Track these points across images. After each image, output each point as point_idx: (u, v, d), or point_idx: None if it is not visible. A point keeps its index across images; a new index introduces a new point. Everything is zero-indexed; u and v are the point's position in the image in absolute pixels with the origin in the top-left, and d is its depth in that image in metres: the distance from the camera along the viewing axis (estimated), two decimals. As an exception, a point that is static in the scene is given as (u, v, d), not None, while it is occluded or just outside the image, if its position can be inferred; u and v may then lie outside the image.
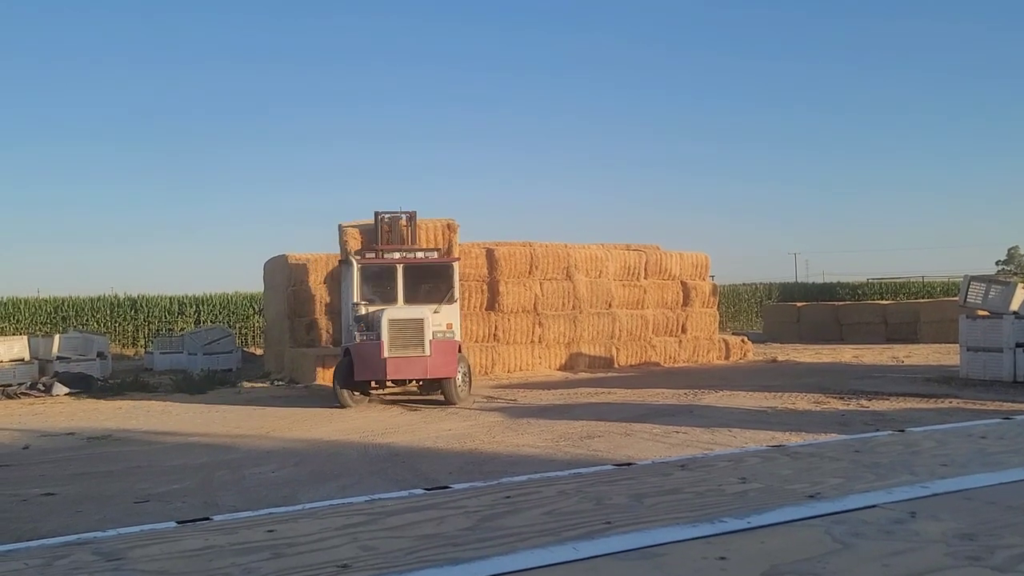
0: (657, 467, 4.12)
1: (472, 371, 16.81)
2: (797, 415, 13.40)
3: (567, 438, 11.52)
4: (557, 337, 23.34)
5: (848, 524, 2.89)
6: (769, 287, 47.50)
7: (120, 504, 8.29)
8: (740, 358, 26.06)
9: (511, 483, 3.70)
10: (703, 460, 4.29)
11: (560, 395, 17.10)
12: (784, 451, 4.52)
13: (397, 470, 9.64)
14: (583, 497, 3.36)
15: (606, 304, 24.31)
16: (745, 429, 11.91)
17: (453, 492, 3.57)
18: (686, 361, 25.03)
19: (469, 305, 22.48)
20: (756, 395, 16.03)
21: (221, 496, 8.53)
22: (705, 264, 26.95)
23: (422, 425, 13.27)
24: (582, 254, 24.30)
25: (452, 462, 10.03)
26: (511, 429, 12.54)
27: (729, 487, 3.57)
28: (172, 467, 10.25)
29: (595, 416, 13.55)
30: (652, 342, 24.79)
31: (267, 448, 11.45)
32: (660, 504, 3.29)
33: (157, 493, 8.76)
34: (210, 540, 2.73)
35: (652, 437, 11.45)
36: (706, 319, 26.38)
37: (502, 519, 3.01)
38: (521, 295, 22.96)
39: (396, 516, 3.09)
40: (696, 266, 26.66)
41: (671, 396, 16.34)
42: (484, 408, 15.21)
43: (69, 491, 8.97)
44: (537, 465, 9.21)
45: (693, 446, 10.70)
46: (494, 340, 22.54)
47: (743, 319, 44.40)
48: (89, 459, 10.97)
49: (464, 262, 22.56)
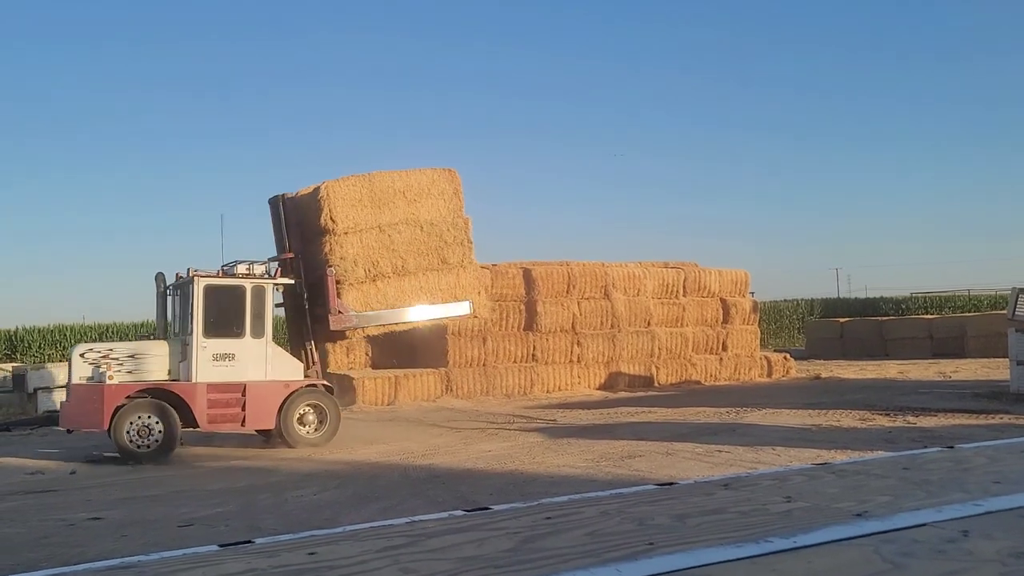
0: (700, 487, 4.07)
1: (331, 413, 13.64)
2: (842, 432, 13.19)
3: (608, 458, 11.43)
4: (596, 356, 23.24)
5: (898, 543, 2.81)
6: (811, 303, 46.91)
7: (164, 528, 8.36)
8: (783, 375, 25.73)
9: (552, 504, 3.67)
10: (747, 479, 4.22)
11: (600, 414, 17.00)
12: (830, 469, 4.43)
13: (438, 492, 9.63)
14: (625, 518, 3.32)
15: (645, 322, 24.17)
16: (789, 447, 11.74)
17: (494, 513, 3.54)
18: (727, 379, 24.77)
19: (507, 325, 22.50)
20: (800, 413, 15.80)
21: (263, 519, 8.58)
22: (745, 280, 26.72)
23: (462, 446, 13.26)
24: (620, 272, 24.22)
25: (492, 483, 9.99)
26: (551, 449, 12.48)
27: (774, 506, 3.50)
28: (215, 490, 10.33)
29: (636, 435, 13.44)
30: (692, 360, 24.59)
31: (308, 470, 11.50)
32: (703, 524, 3.24)
33: (200, 517, 8.83)
34: (252, 563, 2.73)
35: (694, 456, 11.32)
36: (747, 336, 26.12)
37: (543, 540, 2.98)
38: (559, 315, 22.91)
39: (437, 538, 3.07)
40: (736, 283, 26.44)
41: (713, 415, 16.16)
42: (524, 428, 15.16)
43: (115, 515, 9.07)
44: (578, 485, 9.14)
45: (736, 465, 10.56)
46: (532, 360, 22.50)
47: (785, 336, 43.84)
48: (134, 483, 11.09)
49: (501, 282, 22.64)
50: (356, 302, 13.89)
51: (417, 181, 14.74)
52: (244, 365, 13.10)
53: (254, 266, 13.49)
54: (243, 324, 13.15)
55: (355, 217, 14.16)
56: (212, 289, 13.06)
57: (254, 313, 13.23)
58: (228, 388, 13.01)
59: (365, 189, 14.29)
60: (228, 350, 13.03)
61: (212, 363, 12.90)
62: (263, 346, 13.28)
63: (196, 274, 12.99)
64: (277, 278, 13.64)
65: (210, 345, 12.92)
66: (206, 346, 12.89)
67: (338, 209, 14.02)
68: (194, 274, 12.99)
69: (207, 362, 12.87)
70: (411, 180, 14.70)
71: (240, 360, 13.08)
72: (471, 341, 22.04)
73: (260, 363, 13.20)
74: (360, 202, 14.23)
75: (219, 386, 12.96)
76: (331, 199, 13.97)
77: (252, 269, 13.43)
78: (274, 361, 13.37)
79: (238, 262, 13.45)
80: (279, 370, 13.37)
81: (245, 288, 13.20)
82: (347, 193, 14.17)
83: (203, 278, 13.00)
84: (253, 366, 13.14)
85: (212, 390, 12.89)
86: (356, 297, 13.94)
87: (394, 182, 14.58)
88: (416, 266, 14.45)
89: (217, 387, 12.94)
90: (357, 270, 13.97)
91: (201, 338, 12.86)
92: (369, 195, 14.27)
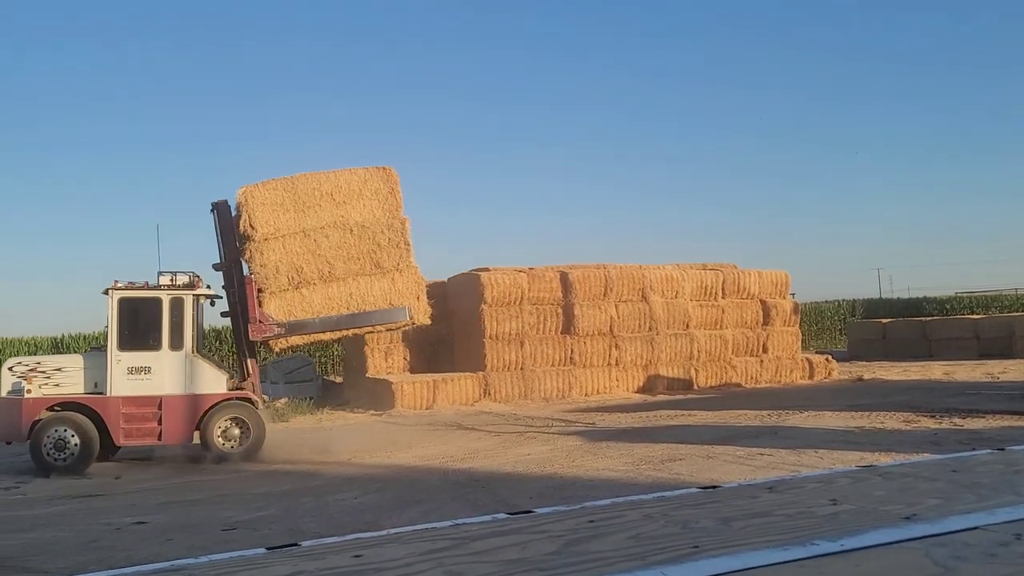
0: (744, 489, 4.03)
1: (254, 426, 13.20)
2: (886, 435, 12.98)
3: (648, 461, 11.37)
4: (634, 359, 23.13)
5: (949, 547, 2.77)
6: (852, 304, 46.24)
7: (208, 532, 8.46)
8: (824, 377, 25.40)
9: (594, 507, 3.66)
10: (791, 482, 4.18)
11: (639, 418, 16.91)
12: (876, 471, 4.38)
13: (478, 496, 9.64)
14: (668, 521, 3.30)
15: (683, 325, 24.01)
16: (832, 450, 11.59)
17: (536, 517, 3.55)
18: (768, 381, 24.51)
19: (544, 329, 22.48)
20: (842, 415, 15.59)
21: (305, 522, 8.64)
22: (785, 282, 26.43)
23: (501, 450, 13.26)
24: (657, 275, 24.08)
25: (532, 487, 9.98)
26: (590, 453, 12.44)
27: (820, 509, 3.47)
28: (257, 494, 10.44)
29: (676, 439, 13.35)
30: (732, 362, 24.37)
31: (349, 474, 11.58)
32: (749, 527, 3.21)
33: (243, 520, 8.92)
34: (299, 566, 2.76)
35: (736, 459, 11.22)
36: (788, 338, 25.83)
37: (587, 543, 2.98)
38: (596, 318, 22.84)
39: (480, 541, 3.08)
40: (776, 284, 26.17)
41: (754, 417, 16.00)
42: (562, 432, 15.13)
43: (159, 519, 9.20)
44: (618, 489, 9.10)
45: (778, 468, 10.45)
46: (570, 363, 22.45)
47: (826, 337, 43.28)
48: (177, 488, 11.25)
49: (538, 286, 22.64)
50: (279, 311, 13.29)
51: (347, 182, 13.94)
52: (161, 378, 12.89)
53: (176, 276, 13.24)
54: (160, 336, 12.96)
55: (276, 222, 13.47)
56: (127, 301, 12.95)
57: (172, 325, 13.00)
58: (143, 402, 12.79)
59: (288, 192, 13.61)
60: (144, 363, 12.85)
61: (127, 376, 12.76)
62: (181, 358, 13.02)
63: (112, 287, 12.93)
64: (198, 288, 13.38)
65: (124, 358, 12.78)
66: (120, 359, 12.77)
67: (257, 214, 13.37)
68: (109, 287, 12.94)
69: (122, 375, 12.74)
70: (340, 181, 13.92)
71: (156, 373, 12.88)
72: (508, 345, 22.06)
73: (178, 376, 12.97)
74: (282, 206, 13.54)
75: (134, 400, 12.76)
76: (250, 204, 13.36)
77: (175, 280, 13.21)
78: (193, 374, 13.06)
79: (172, 272, 13.23)
80: (198, 383, 13.06)
81: (162, 300, 12.99)
82: (267, 197, 13.49)
83: (117, 290, 12.92)
84: (170, 379, 12.93)
85: (127, 404, 12.73)
86: (279, 306, 13.33)
87: (320, 184, 13.83)
88: (345, 271, 13.68)
89: (132, 401, 12.75)
90: (280, 277, 13.35)
91: (115, 351, 12.77)
92: (292, 198, 13.59)
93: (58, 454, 12.51)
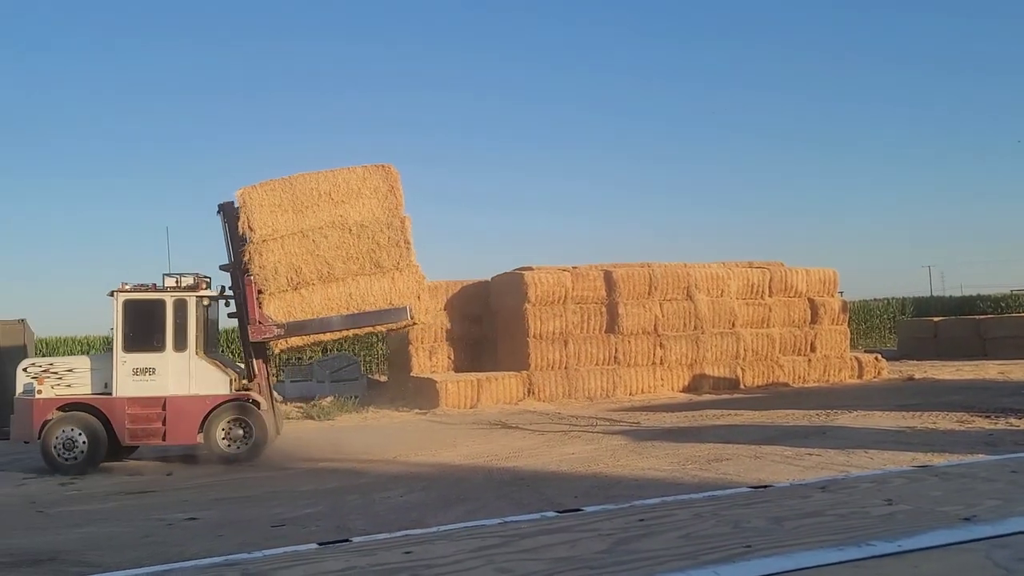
0: (796, 489, 3.98)
1: (257, 428, 13.23)
2: (939, 435, 12.72)
3: (694, 461, 11.28)
4: (679, 358, 22.96)
5: (1011, 548, 2.70)
6: (902, 302, 45.42)
7: (258, 528, 8.57)
8: (874, 376, 24.97)
9: (644, 506, 3.64)
10: (844, 481, 4.11)
11: (684, 417, 16.78)
12: (932, 471, 4.29)
13: (523, 494, 9.64)
14: (720, 520, 3.27)
15: (729, 324, 23.77)
16: (883, 450, 11.39)
17: (585, 515, 3.53)
18: (816, 381, 24.17)
19: (588, 328, 22.42)
20: (893, 415, 15.31)
21: (352, 520, 8.72)
22: (833, 280, 26.03)
23: (545, 449, 13.25)
24: (702, 273, 23.88)
25: (577, 486, 9.96)
26: (636, 452, 12.37)
27: (874, 509, 3.40)
28: (305, 492, 10.55)
29: (722, 438, 13.22)
30: (779, 362, 24.08)
31: (394, 473, 11.65)
32: (801, 527, 3.17)
33: (292, 517, 9.03)
34: (351, 562, 2.78)
35: (784, 459, 11.08)
36: (836, 337, 25.44)
37: (637, 542, 2.96)
38: (641, 316, 22.72)
39: (530, 539, 3.07)
40: (824, 282, 25.79)
41: (802, 417, 15.80)
42: (607, 431, 15.08)
43: (210, 516, 9.36)
44: (664, 488, 9.04)
45: (827, 468, 10.29)
46: (615, 362, 22.36)
47: (875, 336, 42.57)
48: (228, 485, 11.42)
49: (582, 284, 22.58)
50: (279, 312, 13.24)
51: (345, 181, 13.76)
52: (165, 379, 13.06)
53: (181, 278, 13.42)
54: (164, 338, 13.13)
55: (274, 223, 13.40)
56: (132, 303, 13.14)
57: (176, 327, 13.16)
58: (148, 403, 12.97)
59: (286, 193, 13.51)
60: (149, 364, 13.03)
61: (132, 377, 12.97)
62: (186, 360, 13.16)
63: (118, 289, 13.12)
64: (201, 290, 13.52)
65: (130, 360, 12.99)
66: (126, 361, 12.97)
67: (256, 216, 13.32)
68: (115, 289, 13.13)
69: (127, 376, 12.96)
70: (338, 180, 13.76)
71: (161, 374, 13.05)
72: (552, 344, 22.04)
73: (182, 377, 13.14)
74: (280, 207, 13.47)
75: (139, 400, 12.95)
76: (248, 205, 13.33)
77: (179, 282, 13.38)
78: (197, 375, 13.22)
79: (177, 274, 13.41)
80: (202, 384, 13.21)
81: (166, 302, 13.17)
82: (265, 198, 13.43)
83: (123, 293, 13.12)
84: (175, 380, 13.09)
85: (132, 405, 12.93)
86: (278, 307, 13.28)
87: (319, 183, 13.69)
88: (345, 271, 13.54)
89: (137, 401, 12.94)
90: (279, 278, 13.29)
91: (121, 353, 12.98)
92: (290, 199, 13.51)
93: (67, 453, 12.82)
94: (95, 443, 12.85)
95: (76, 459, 12.79)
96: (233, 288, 13.70)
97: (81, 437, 12.83)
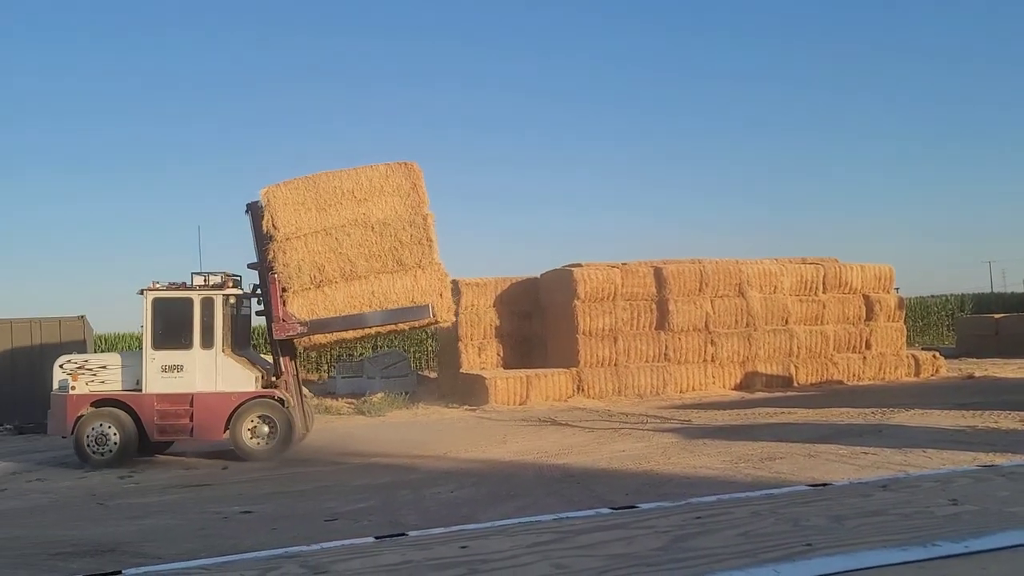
0: (856, 488, 3.90)
1: (282, 425, 13.35)
2: (1001, 435, 12.40)
3: (746, 459, 11.14)
4: (731, 355, 22.72)
5: (1086, 551, 2.61)
6: (961, 298, 44.36)
7: (312, 522, 8.67)
8: (932, 374, 24.44)
9: (700, 503, 3.60)
10: (906, 480, 4.02)
11: (736, 415, 16.59)
12: (998, 471, 4.17)
13: (573, 491, 9.61)
14: (778, 518, 3.22)
15: (782, 320, 23.45)
16: (942, 450, 11.14)
17: (640, 512, 3.50)
18: (871, 379, 23.74)
19: (638, 325, 22.29)
20: (952, 413, 14.97)
21: (404, 515, 8.77)
22: (889, 276, 25.53)
23: (595, 446, 13.20)
24: (754, 269, 23.59)
25: (628, 483, 9.90)
26: (687, 450, 12.26)
27: (939, 509, 3.32)
28: (357, 487, 10.65)
29: (775, 437, 13.05)
30: (834, 359, 23.69)
31: (445, 468, 11.70)
32: (863, 526, 3.10)
33: (345, 512, 9.12)
34: (407, 555, 2.79)
35: (839, 458, 10.89)
36: (892, 334, 24.95)
37: (694, 540, 2.92)
38: (691, 313, 22.52)
39: (585, 535, 3.06)
40: (879, 278, 25.30)
41: (857, 415, 15.52)
42: (658, 429, 14.97)
43: (265, 509, 9.49)
44: (716, 487, 8.93)
45: (884, 468, 10.09)
46: (665, 359, 22.19)
47: (933, 333, 41.66)
48: (281, 479, 11.58)
49: (632, 281, 22.45)
50: (302, 310, 13.38)
51: (368, 178, 13.79)
52: (192, 376, 13.29)
53: (209, 277, 13.61)
54: (191, 336, 13.35)
55: (298, 221, 13.52)
56: (160, 302, 13.40)
57: (203, 324, 13.36)
58: (176, 399, 13.24)
59: (309, 191, 13.62)
60: (176, 361, 13.27)
61: (161, 374, 13.25)
62: (212, 357, 13.37)
63: (147, 288, 13.37)
64: (228, 289, 13.66)
65: (159, 357, 13.26)
66: (155, 358, 13.25)
67: (279, 214, 13.46)
68: (145, 288, 13.38)
69: (156, 373, 13.25)
70: (361, 178, 13.80)
71: (188, 371, 13.29)
72: (602, 341, 21.96)
73: (209, 374, 13.35)
74: (303, 205, 13.58)
75: (167, 397, 13.22)
76: (272, 204, 13.46)
77: (207, 280, 13.58)
78: (224, 372, 13.42)
79: (205, 273, 13.61)
80: (229, 381, 13.41)
81: (193, 300, 13.38)
82: (289, 197, 13.55)
83: (152, 291, 13.38)
84: (202, 377, 13.31)
85: (161, 401, 13.21)
86: (302, 304, 13.41)
87: (342, 181, 13.74)
88: (367, 269, 13.58)
89: (165, 398, 13.22)
90: (302, 276, 13.42)
91: (150, 350, 13.25)
92: (313, 197, 13.61)
93: (99, 448, 13.14)
94: (126, 438, 13.17)
95: (108, 453, 13.13)
96: (260, 286, 13.91)
97: (113, 432, 13.16)
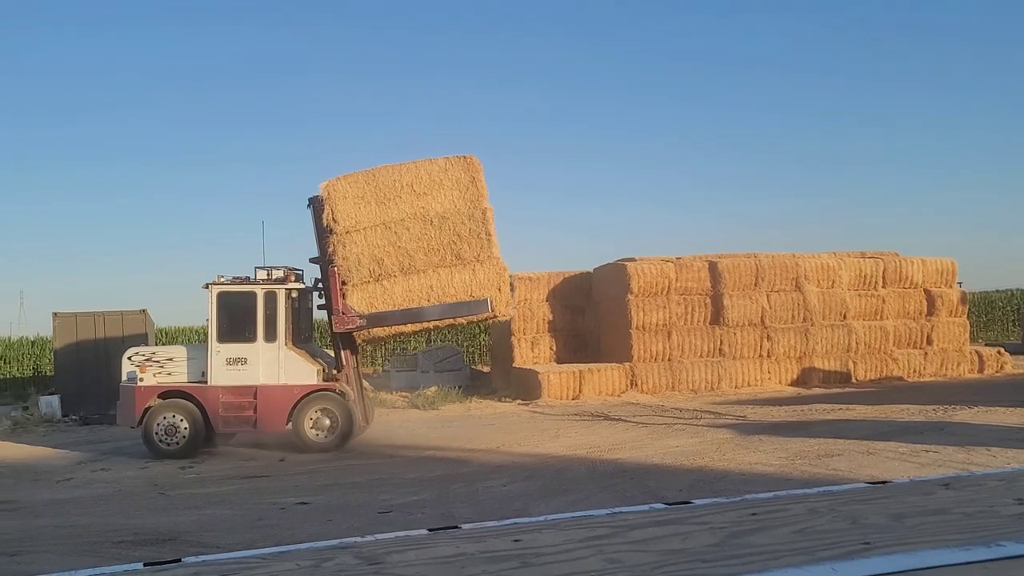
0: (917, 486, 3.82)
1: (342, 418, 13.54)
2: (1070, 434, 12.04)
3: (803, 456, 10.98)
4: (787, 351, 22.39)
5: None
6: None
7: (366, 514, 8.78)
8: (996, 371, 23.81)
9: (756, 500, 3.56)
10: (969, 479, 3.93)
11: (792, 411, 16.36)
12: (1066, 471, 4.05)
13: (626, 486, 9.58)
14: (836, 516, 3.16)
15: (840, 315, 23.03)
16: (1006, 448, 10.85)
17: (695, 508, 3.47)
18: (933, 375, 23.21)
19: (692, 319, 22.10)
20: (1017, 411, 14.58)
21: (457, 508, 8.83)
22: (951, 270, 24.90)
23: (649, 441, 13.13)
24: (812, 263, 23.20)
25: (681, 479, 9.83)
26: (742, 446, 12.13)
27: (1004, 508, 3.23)
28: (411, 479, 10.75)
29: (832, 433, 12.84)
30: (893, 355, 23.20)
31: (498, 462, 11.75)
32: (924, 525, 3.04)
33: (398, 504, 9.21)
34: (460, 548, 2.81)
35: (898, 456, 10.68)
36: (955, 329, 24.34)
37: (750, 536, 2.89)
38: (747, 308, 22.24)
39: (639, 530, 3.04)
40: (941, 272, 24.70)
41: (917, 412, 15.19)
42: (712, 424, 14.83)
43: (320, 500, 9.63)
44: (771, 484, 8.82)
45: (946, 466, 9.87)
46: (719, 355, 21.97)
47: (997, 329, 40.53)
48: (337, 471, 11.73)
49: (686, 275, 22.25)
50: (361, 303, 13.48)
51: (427, 172, 13.76)
52: (256, 369, 13.53)
53: (272, 271, 13.79)
54: (255, 329, 13.56)
55: (357, 215, 13.58)
56: (225, 296, 13.62)
57: (266, 318, 13.56)
58: (240, 391, 13.49)
59: (369, 185, 13.65)
60: (241, 354, 13.54)
61: (226, 367, 13.49)
62: (275, 350, 13.57)
63: (212, 282, 13.59)
64: (290, 283, 13.80)
65: (224, 350, 13.51)
66: (220, 351, 13.50)
67: (339, 208, 13.54)
68: (210, 282, 13.60)
69: (221, 366, 13.49)
70: (420, 171, 13.77)
71: (252, 364, 13.52)
72: (655, 335, 21.81)
73: (272, 367, 13.56)
74: (363, 199, 13.62)
75: (231, 389, 13.47)
76: (332, 198, 13.55)
77: (270, 274, 13.77)
78: (287, 365, 13.62)
79: (268, 267, 13.82)
80: (291, 374, 13.61)
81: (256, 294, 13.59)
82: (349, 191, 13.62)
83: (216, 285, 13.60)
84: (265, 370, 13.53)
85: (225, 393, 13.46)
86: (361, 298, 13.51)
87: (401, 175, 13.73)
88: (426, 263, 13.63)
89: (230, 390, 13.47)
90: (361, 270, 13.51)
91: (215, 343, 13.50)
92: (373, 191, 13.63)
93: (169, 439, 13.43)
94: (195, 429, 13.46)
95: (176, 444, 13.43)
96: (321, 280, 14.07)
97: (183, 423, 13.45)
